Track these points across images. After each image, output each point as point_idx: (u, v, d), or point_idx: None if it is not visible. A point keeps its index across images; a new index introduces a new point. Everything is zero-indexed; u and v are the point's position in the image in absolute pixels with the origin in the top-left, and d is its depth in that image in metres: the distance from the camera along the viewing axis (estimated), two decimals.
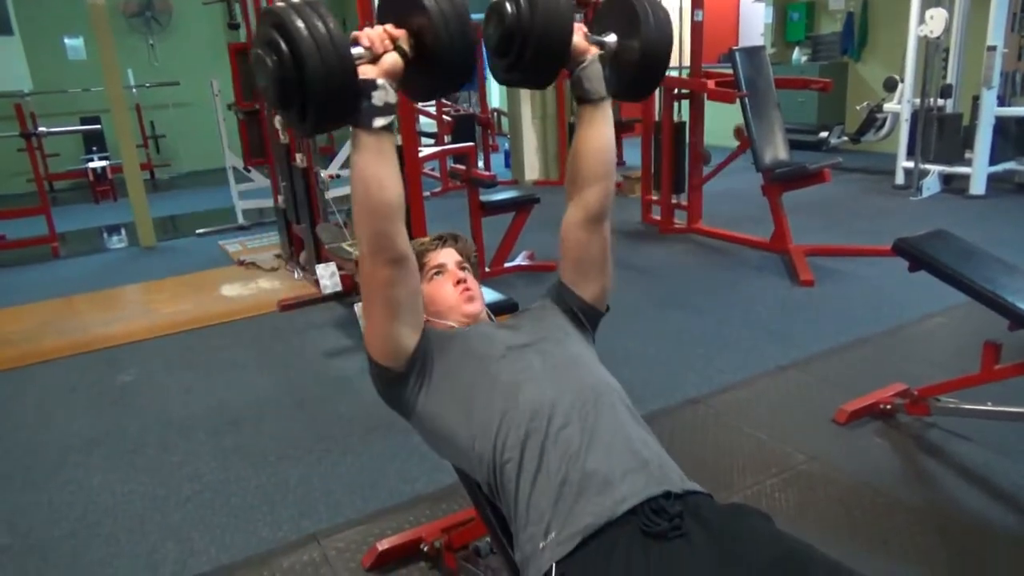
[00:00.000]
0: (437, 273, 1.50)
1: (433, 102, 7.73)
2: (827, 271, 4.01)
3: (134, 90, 8.61)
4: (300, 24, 1.01)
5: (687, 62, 4.98)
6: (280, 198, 4.67)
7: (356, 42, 1.12)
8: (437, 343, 1.33)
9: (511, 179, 7.26)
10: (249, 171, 5.99)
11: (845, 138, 7.00)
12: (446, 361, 1.31)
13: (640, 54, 1.38)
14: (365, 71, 1.11)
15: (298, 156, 4.18)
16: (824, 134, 7.13)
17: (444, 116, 7.35)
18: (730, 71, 4.52)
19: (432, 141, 7.45)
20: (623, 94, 1.45)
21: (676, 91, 4.96)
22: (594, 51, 1.36)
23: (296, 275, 4.58)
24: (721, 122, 5.93)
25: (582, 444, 1.15)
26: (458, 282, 1.47)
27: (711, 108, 4.88)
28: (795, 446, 2.37)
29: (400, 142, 3.54)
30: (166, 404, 3.01)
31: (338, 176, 4.34)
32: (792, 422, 2.54)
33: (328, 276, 3.89)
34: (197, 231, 6.06)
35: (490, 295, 2.09)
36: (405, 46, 1.13)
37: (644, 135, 5.31)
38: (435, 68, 1.14)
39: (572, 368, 1.30)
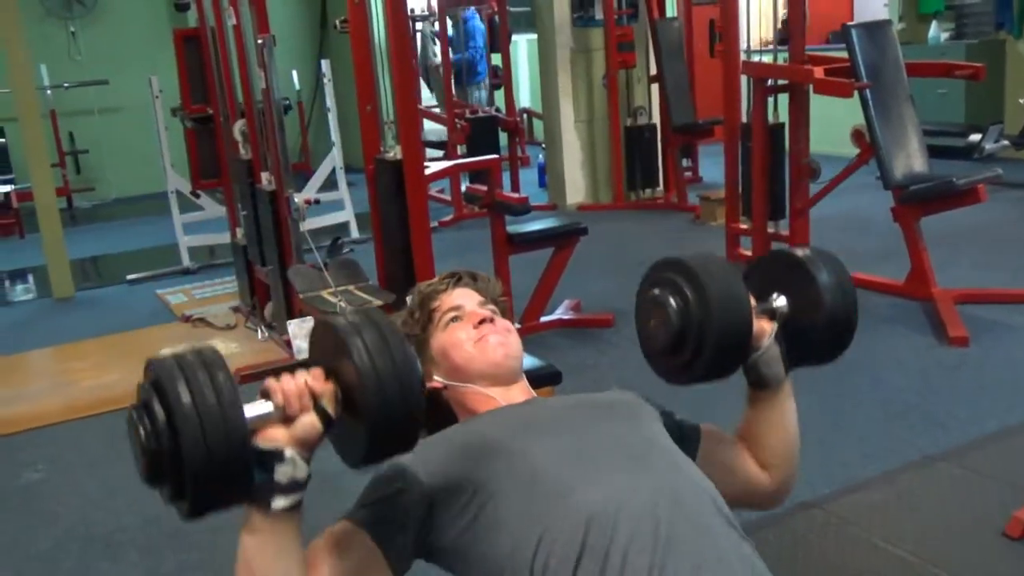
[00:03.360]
0: (454, 319, 1.51)
1: (442, 102, 7.87)
2: (987, 325, 3.97)
3: (49, 92, 8.88)
4: (182, 388, 1.06)
5: (785, 43, 5.01)
6: (239, 232, 4.75)
7: (266, 395, 1.16)
8: (441, 468, 1.33)
9: (548, 203, 7.33)
10: (198, 196, 6.11)
11: (1005, 142, 6.95)
12: (456, 479, 1.31)
13: (824, 321, 1.48)
14: (272, 436, 1.14)
15: (264, 176, 4.27)
16: (976, 137, 7.08)
17: (457, 120, 7.47)
18: (844, 55, 4.55)
19: (441, 153, 7.56)
20: (799, 364, 1.55)
21: (771, 82, 5.00)
22: (770, 330, 1.46)
23: (260, 334, 4.63)
24: (833, 123, 5.94)
25: (657, 564, 1.13)
26: (481, 322, 1.49)
27: (819, 104, 4.90)
28: (952, 569, 2.32)
29: (399, 156, 3.61)
30: (87, 511, 3.03)
31: (317, 202, 4.43)
32: (947, 535, 2.50)
33: (303, 335, 3.92)
34: (128, 277, 6.16)
35: (524, 361, 2.09)
36: (329, 407, 1.17)
37: (728, 142, 5.34)
38: (364, 434, 1.17)
39: (644, 454, 1.30)
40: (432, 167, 4.49)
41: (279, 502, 1.13)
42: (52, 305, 5.78)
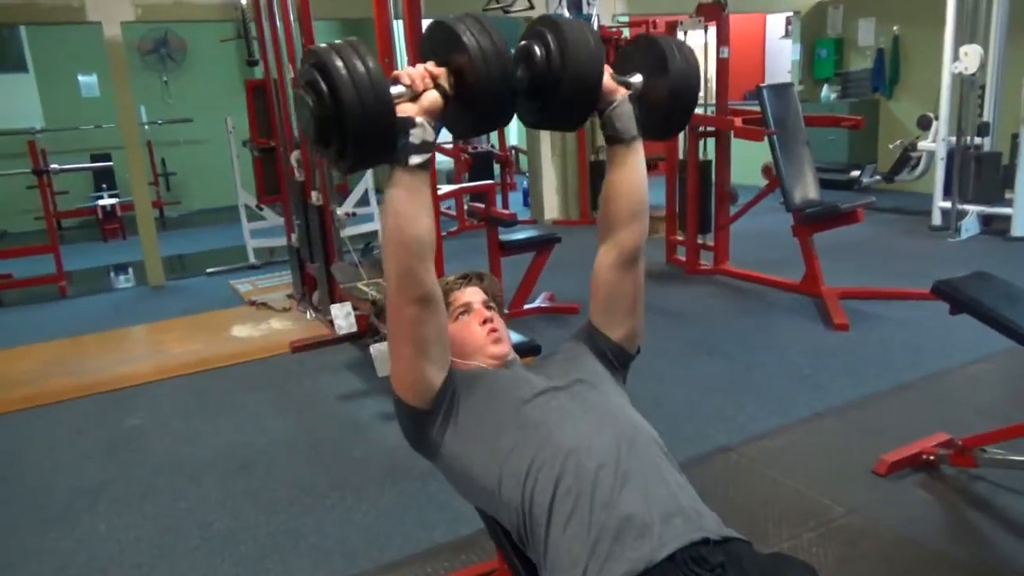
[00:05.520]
0: (463, 312, 1.52)
1: (449, 139, 7.87)
2: (862, 315, 4.00)
3: (146, 127, 8.83)
4: (339, 64, 1.08)
5: (713, 99, 5.05)
6: (294, 236, 4.75)
7: (397, 80, 1.18)
8: (463, 383, 1.35)
9: (530, 218, 7.33)
10: (262, 209, 6.10)
11: (878, 177, 7.01)
12: (473, 401, 1.33)
13: (669, 93, 1.42)
14: (405, 109, 1.17)
15: (314, 194, 4.27)
16: (856, 173, 7.16)
17: (462, 154, 7.46)
18: (757, 108, 4.59)
19: (447, 179, 7.55)
20: (652, 133, 1.49)
21: (702, 129, 5.03)
22: (623, 91, 1.40)
23: (308, 316, 4.63)
24: (749, 160, 5.98)
25: (617, 487, 1.16)
26: (484, 321, 1.50)
27: (738, 146, 4.93)
28: (833, 498, 2.35)
29: None
30: (175, 448, 3.04)
31: (354, 214, 4.43)
32: (830, 472, 2.53)
33: (343, 316, 3.93)
34: (207, 270, 6.14)
35: (512, 336, 2.10)
36: (445, 84, 1.19)
37: (669, 174, 5.37)
38: (475, 106, 1.20)
39: (606, 411, 1.31)
40: (442, 190, 4.50)
41: (415, 159, 1.17)
42: (148, 291, 5.76)
